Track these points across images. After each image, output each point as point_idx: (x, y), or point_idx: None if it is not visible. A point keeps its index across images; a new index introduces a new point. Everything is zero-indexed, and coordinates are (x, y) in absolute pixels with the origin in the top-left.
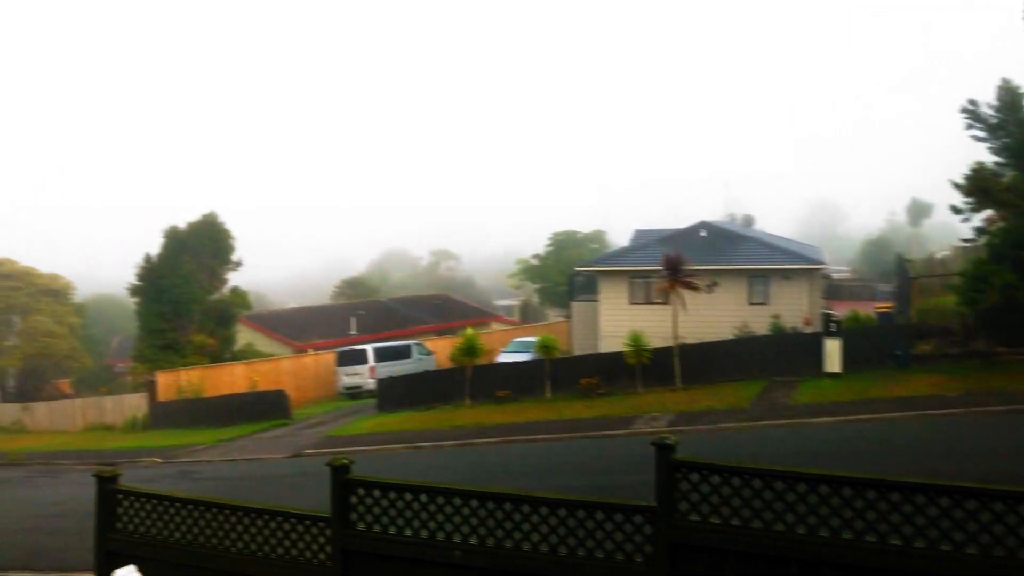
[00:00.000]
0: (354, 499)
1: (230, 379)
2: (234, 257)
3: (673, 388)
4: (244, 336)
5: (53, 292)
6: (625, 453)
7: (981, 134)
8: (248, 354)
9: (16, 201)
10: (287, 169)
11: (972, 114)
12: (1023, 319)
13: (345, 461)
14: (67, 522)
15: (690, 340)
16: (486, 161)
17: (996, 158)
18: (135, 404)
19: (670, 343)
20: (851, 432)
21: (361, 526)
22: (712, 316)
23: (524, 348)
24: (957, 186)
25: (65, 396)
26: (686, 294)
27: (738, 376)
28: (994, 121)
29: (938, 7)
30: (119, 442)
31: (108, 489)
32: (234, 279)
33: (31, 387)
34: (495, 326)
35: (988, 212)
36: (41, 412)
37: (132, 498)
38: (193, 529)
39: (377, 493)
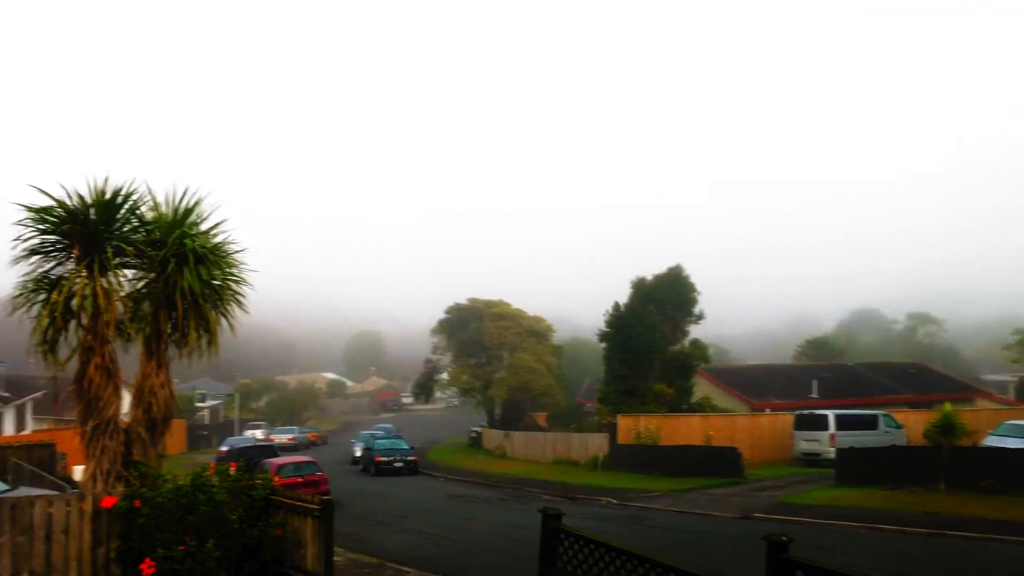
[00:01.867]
0: None
1: (686, 430)
2: (696, 310)
3: None
4: (701, 389)
5: (536, 333)
6: None
7: None
8: (704, 407)
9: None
10: (752, 223)
11: None
12: None
13: (783, 538)
14: (528, 547)
15: None
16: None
17: None
18: (597, 444)
19: None
20: None
21: None
22: None
23: (1019, 433)
24: None
25: (540, 428)
26: None
27: None
28: None
29: None
30: (580, 478)
31: (552, 527)
32: (695, 331)
33: (512, 417)
34: (982, 403)
35: None
36: (518, 441)
37: (572, 539)
38: None
39: None
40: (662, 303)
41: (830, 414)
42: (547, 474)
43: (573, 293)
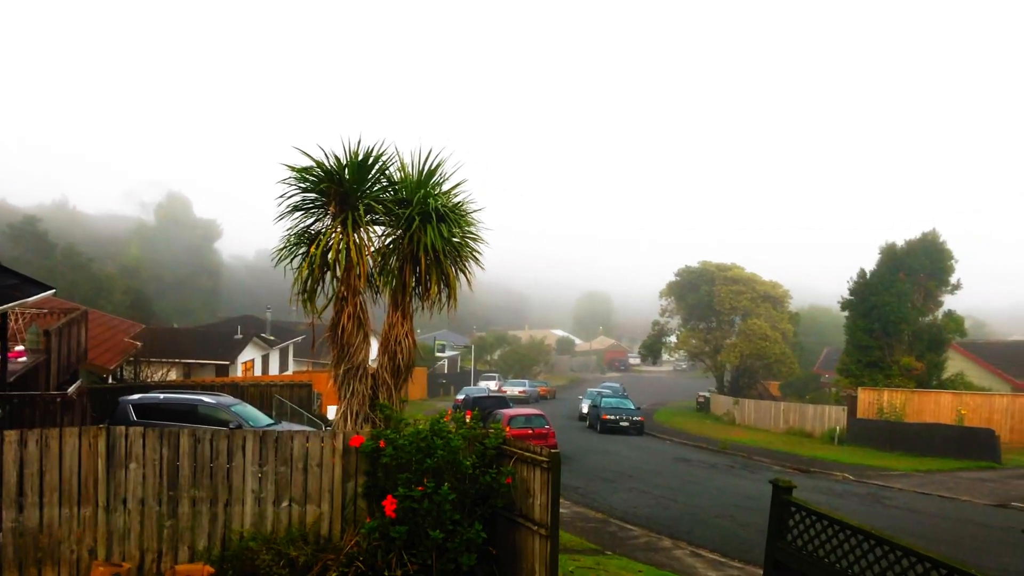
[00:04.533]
0: None
1: (934, 407)
2: (952, 279)
3: None
4: (954, 364)
5: (772, 299)
6: None
7: None
8: (957, 384)
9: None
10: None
11: None
12: None
13: None
14: (757, 517)
15: None
16: None
17: None
18: (835, 416)
19: None
20: None
21: None
22: None
23: None
24: None
25: (772, 397)
26: None
27: None
28: None
29: None
30: (814, 450)
31: (782, 499)
32: (950, 302)
33: (743, 384)
34: None
35: None
36: (748, 408)
37: (803, 513)
38: (860, 562)
39: None
40: (914, 270)
41: None
42: (778, 444)
43: (813, 259)
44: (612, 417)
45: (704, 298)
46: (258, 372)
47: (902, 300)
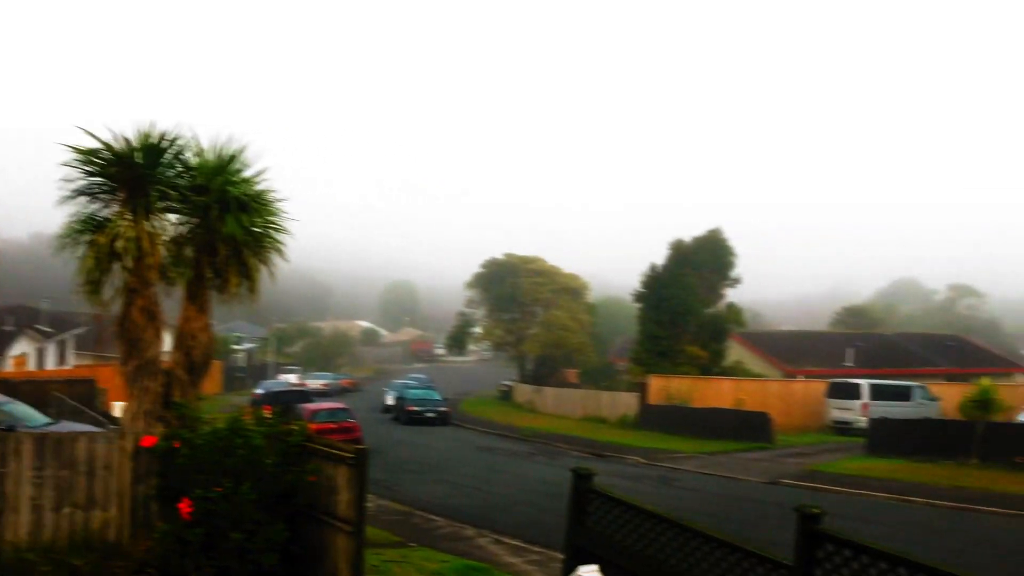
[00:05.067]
0: (821, 554)
1: (716, 393)
2: (733, 273)
3: None
4: (735, 352)
5: (571, 290)
6: None
7: None
8: (737, 371)
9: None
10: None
11: None
12: None
13: (816, 510)
14: (558, 503)
15: None
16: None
17: None
18: (627, 402)
19: None
20: None
21: None
22: None
23: None
24: None
25: (571, 385)
26: None
27: None
28: None
29: None
30: (609, 435)
31: (583, 487)
32: (731, 295)
33: (544, 373)
34: (1020, 379)
35: None
36: (549, 396)
37: (602, 499)
38: (654, 543)
39: (848, 553)
40: (699, 266)
41: (864, 383)
42: (576, 430)
43: (609, 253)
44: (417, 408)
45: (509, 290)
46: (32, 367)
47: (688, 293)
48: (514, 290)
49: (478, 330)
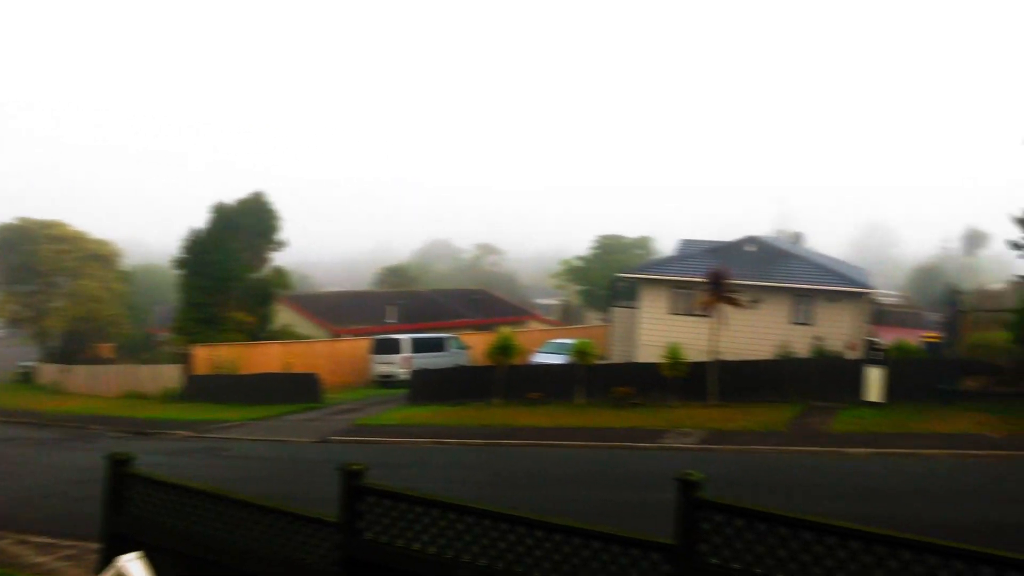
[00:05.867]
0: (363, 507)
1: (265, 358)
2: (279, 237)
3: (707, 404)
4: (283, 316)
5: (101, 257)
6: (653, 468)
7: None
8: (285, 335)
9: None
10: (347, 148)
11: None
12: None
13: (358, 467)
14: (95, 490)
15: (729, 356)
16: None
17: None
18: (170, 375)
19: (708, 358)
20: (888, 466)
21: (369, 535)
22: (753, 333)
23: (560, 350)
24: (1018, 221)
25: (106, 361)
26: (728, 309)
27: (775, 398)
28: None
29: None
30: (153, 411)
31: (120, 472)
32: (278, 259)
33: (74, 349)
34: (533, 325)
35: None
36: (80, 375)
37: (142, 483)
38: (202, 520)
39: (388, 503)
40: (244, 229)
41: (404, 338)
42: (114, 409)
43: (147, 216)
44: None
45: (26, 259)
46: None
47: (232, 257)
48: (32, 259)
49: None
